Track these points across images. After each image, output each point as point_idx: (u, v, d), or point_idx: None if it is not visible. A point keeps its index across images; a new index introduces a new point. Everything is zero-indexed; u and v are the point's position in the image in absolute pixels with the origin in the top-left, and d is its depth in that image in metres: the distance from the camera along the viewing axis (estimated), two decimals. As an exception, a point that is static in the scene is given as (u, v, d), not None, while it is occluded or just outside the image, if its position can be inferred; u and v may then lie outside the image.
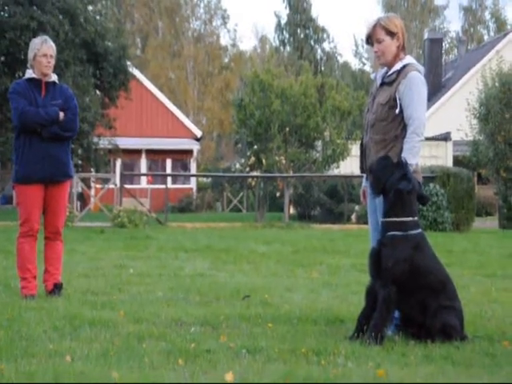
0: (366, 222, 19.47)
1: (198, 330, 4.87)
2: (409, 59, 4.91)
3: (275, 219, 20.11)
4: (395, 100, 4.81)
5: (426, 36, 36.73)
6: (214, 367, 3.89)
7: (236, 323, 5.12)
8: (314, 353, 4.23)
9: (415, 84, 4.78)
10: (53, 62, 6.35)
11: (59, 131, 6.28)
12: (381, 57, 4.90)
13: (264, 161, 22.27)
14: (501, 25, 54.65)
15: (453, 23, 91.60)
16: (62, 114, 6.30)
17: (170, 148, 32.65)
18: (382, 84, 4.95)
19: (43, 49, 6.29)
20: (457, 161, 24.81)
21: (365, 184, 5.21)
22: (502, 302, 6.22)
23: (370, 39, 4.94)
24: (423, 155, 23.30)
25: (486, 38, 53.31)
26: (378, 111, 4.89)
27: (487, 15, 56.59)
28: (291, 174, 21.60)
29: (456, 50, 51.01)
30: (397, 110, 4.80)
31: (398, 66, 4.87)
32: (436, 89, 33.64)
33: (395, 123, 4.83)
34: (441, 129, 26.68)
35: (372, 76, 5.17)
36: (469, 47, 49.36)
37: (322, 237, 14.11)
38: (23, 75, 6.52)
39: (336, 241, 13.23)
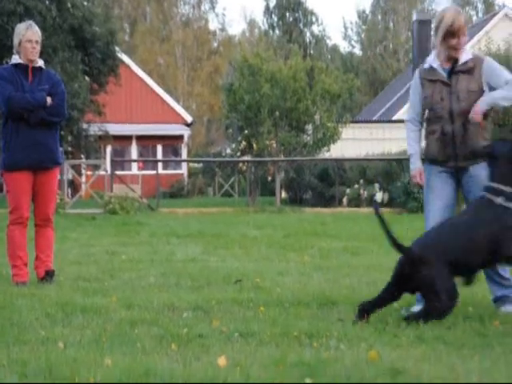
0: (357, 205, 19.38)
1: (191, 315, 4.88)
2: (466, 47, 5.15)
3: (267, 204, 20.12)
4: (482, 85, 5.02)
5: (414, 17, 36.62)
6: (207, 352, 3.90)
7: (228, 307, 5.13)
8: (307, 336, 4.24)
9: (495, 63, 5.07)
10: (38, 47, 6.30)
11: (46, 116, 6.24)
12: (460, 49, 5.01)
13: (255, 145, 22.25)
14: (489, 5, 54.63)
15: (441, 4, 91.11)
16: (49, 99, 6.26)
17: (161, 134, 32.56)
18: (457, 72, 5.03)
19: (28, 34, 6.24)
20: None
21: (419, 166, 5.21)
22: (493, 282, 6.23)
23: (458, 32, 4.95)
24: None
25: (474, 19, 53.29)
26: (469, 98, 5.00)
27: (476, -4, 56.56)
28: (282, 158, 21.60)
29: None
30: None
31: (469, 55, 5.06)
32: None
33: None
34: (431, 111, 26.68)
35: (426, 66, 5.16)
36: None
37: (313, 220, 14.14)
38: (11, 61, 6.48)
39: (327, 224, 13.26)
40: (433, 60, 5.13)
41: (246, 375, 3.42)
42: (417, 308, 5.06)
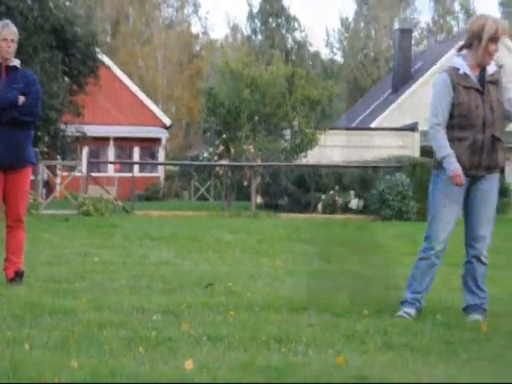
0: (331, 212, 19.35)
1: (160, 318, 4.86)
2: None
3: (242, 208, 20.11)
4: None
5: (396, 26, 36.87)
6: (175, 355, 3.90)
7: (198, 311, 5.12)
8: (275, 340, 4.26)
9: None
10: (14, 46, 6.27)
11: (18, 115, 6.18)
12: (494, 56, 5.14)
13: (232, 150, 22.22)
14: (470, 16, 55.08)
15: (423, 14, 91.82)
16: (21, 98, 6.20)
17: (138, 136, 32.44)
18: (486, 82, 5.12)
19: (4, 33, 6.20)
20: (424, 151, 24.96)
21: (458, 167, 5.05)
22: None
23: (498, 39, 5.07)
24: (391, 145, 23.46)
25: (455, 29, 53.77)
26: (498, 109, 5.11)
27: (457, 6, 57.02)
28: (259, 163, 21.61)
29: (426, 40, 51.35)
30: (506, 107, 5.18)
31: (494, 66, 5.20)
32: (405, 79, 33.85)
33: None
34: (409, 119, 26.88)
35: (461, 71, 5.14)
36: (439, 38, 49.70)
37: (288, 226, 14.14)
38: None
39: (302, 230, 13.27)
40: (463, 65, 5.15)
41: (213, 378, 3.42)
42: (408, 310, 5.09)
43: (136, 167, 27.08)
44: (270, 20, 53.52)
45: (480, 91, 5.09)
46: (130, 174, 22.26)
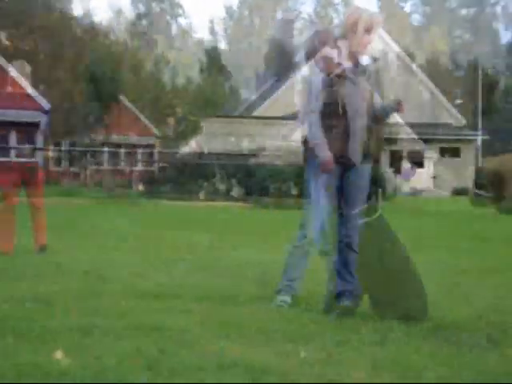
0: (213, 199, 19.56)
1: (31, 307, 4.72)
2: None
3: (124, 196, 19.89)
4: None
5: (279, 16, 37.39)
6: (45, 344, 3.79)
7: (72, 299, 5.01)
8: (151, 328, 4.22)
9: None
10: None
11: None
12: (368, 46, 5.26)
13: (115, 135, 21.97)
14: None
15: (306, 5, 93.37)
16: None
17: (15, 120, 31.31)
18: (361, 73, 5.21)
19: None
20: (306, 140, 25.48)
21: (329, 154, 5.11)
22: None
23: (372, 31, 5.18)
24: (274, 134, 23.80)
25: (336, 20, 55.03)
26: (368, 100, 5.20)
27: (338, -1, 58.41)
28: (141, 150, 21.44)
29: (308, 31, 52.32)
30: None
31: (368, 59, 5.31)
32: (287, 69, 34.37)
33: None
34: (291, 108, 27.32)
35: (336, 62, 5.17)
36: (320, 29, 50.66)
37: (169, 213, 14.14)
38: None
39: (182, 217, 13.29)
40: (338, 55, 5.21)
41: (83, 368, 3.35)
42: (283, 297, 5.15)
43: (12, 152, 26.10)
44: (154, 5, 53.15)
45: (353, 81, 5.21)
46: (5, 159, 21.48)
